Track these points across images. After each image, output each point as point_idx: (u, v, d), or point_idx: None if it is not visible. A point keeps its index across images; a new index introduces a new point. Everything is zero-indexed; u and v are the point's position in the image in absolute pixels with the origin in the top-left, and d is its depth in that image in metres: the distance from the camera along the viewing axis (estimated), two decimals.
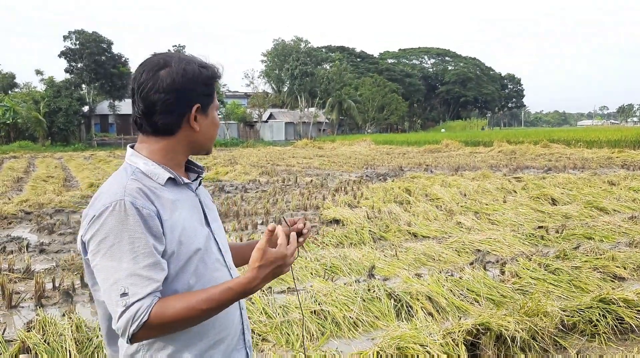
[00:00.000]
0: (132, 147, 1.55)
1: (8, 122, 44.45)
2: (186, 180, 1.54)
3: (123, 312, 1.29)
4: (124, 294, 1.30)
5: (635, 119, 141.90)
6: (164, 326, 1.32)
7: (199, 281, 1.46)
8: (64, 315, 4.23)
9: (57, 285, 5.14)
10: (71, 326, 3.69)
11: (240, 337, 1.60)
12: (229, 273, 1.56)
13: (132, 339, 1.31)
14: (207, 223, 1.57)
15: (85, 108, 47.98)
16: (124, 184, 1.41)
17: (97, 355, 3.53)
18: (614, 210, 8.87)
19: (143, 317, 1.29)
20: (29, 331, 3.72)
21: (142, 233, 1.33)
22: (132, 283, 1.30)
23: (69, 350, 3.50)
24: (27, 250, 6.78)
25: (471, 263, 5.67)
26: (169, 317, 1.31)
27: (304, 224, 1.60)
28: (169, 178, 1.48)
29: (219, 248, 1.57)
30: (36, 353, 3.48)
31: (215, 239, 1.57)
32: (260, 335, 3.80)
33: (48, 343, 3.55)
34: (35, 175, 17.07)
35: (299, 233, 1.58)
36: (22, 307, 4.71)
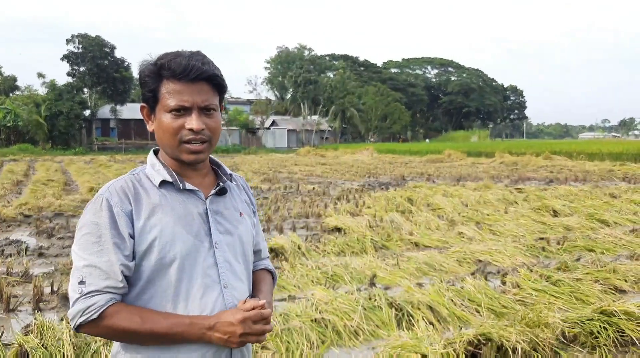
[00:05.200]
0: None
1: (9, 125, 44.45)
2: (189, 186, 1.46)
3: (77, 299, 1.33)
4: (81, 282, 1.33)
5: (636, 132, 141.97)
6: (109, 333, 1.34)
7: (181, 294, 1.41)
8: (62, 319, 4.21)
9: (55, 289, 5.11)
10: (69, 330, 3.66)
11: None
12: (220, 292, 1.45)
13: (78, 329, 1.34)
14: (209, 234, 1.47)
15: (87, 112, 48.05)
16: (114, 181, 1.44)
17: None
18: (615, 223, 8.85)
19: (93, 314, 1.31)
20: (26, 335, 3.69)
21: (108, 228, 1.35)
22: (90, 273, 1.33)
23: (67, 355, 3.47)
24: (25, 253, 6.76)
25: (472, 273, 5.64)
26: (117, 327, 1.33)
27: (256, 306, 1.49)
28: (163, 181, 1.45)
29: (216, 262, 1.46)
30: (34, 357, 3.46)
31: (214, 253, 1.46)
32: (260, 343, 3.77)
33: (46, 348, 3.52)
34: (35, 178, 17.06)
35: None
36: (20, 311, 4.69)
